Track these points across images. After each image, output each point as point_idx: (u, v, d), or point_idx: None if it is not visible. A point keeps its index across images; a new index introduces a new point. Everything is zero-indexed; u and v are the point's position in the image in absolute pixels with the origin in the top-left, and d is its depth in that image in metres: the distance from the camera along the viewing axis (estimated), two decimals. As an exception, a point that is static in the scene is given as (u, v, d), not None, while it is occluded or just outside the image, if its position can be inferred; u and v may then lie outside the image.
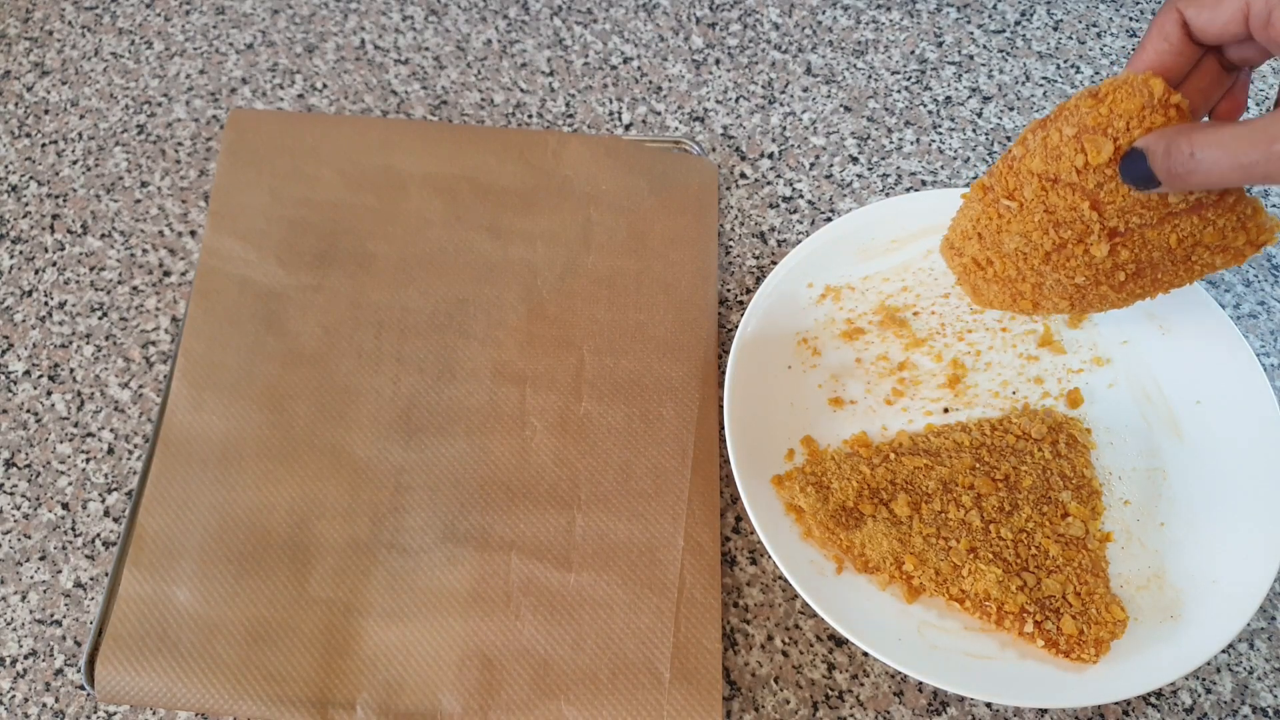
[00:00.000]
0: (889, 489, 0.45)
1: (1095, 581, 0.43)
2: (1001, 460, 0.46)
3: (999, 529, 0.44)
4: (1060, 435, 0.47)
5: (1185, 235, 0.38)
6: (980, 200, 0.42)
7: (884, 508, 0.45)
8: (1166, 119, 0.34)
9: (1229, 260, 0.40)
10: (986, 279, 0.45)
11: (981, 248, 0.43)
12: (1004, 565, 0.43)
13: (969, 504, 0.44)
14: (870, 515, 0.45)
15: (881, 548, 0.43)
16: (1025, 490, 0.45)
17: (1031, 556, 0.44)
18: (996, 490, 0.45)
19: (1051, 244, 0.40)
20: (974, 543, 0.44)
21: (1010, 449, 0.46)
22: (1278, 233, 0.38)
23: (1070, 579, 0.43)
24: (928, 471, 0.45)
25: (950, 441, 0.47)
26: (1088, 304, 0.44)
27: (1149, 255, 0.39)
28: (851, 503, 0.45)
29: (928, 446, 0.47)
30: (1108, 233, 0.38)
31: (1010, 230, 0.41)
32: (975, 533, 0.44)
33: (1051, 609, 0.42)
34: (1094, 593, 0.43)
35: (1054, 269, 0.41)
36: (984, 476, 0.45)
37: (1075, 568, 0.44)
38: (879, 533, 0.44)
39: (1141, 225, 0.38)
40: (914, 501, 0.45)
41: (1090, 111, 0.35)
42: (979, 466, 0.46)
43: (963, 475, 0.45)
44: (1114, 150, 0.35)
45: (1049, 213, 0.39)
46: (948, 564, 0.43)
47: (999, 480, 0.45)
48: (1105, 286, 0.41)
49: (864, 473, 0.45)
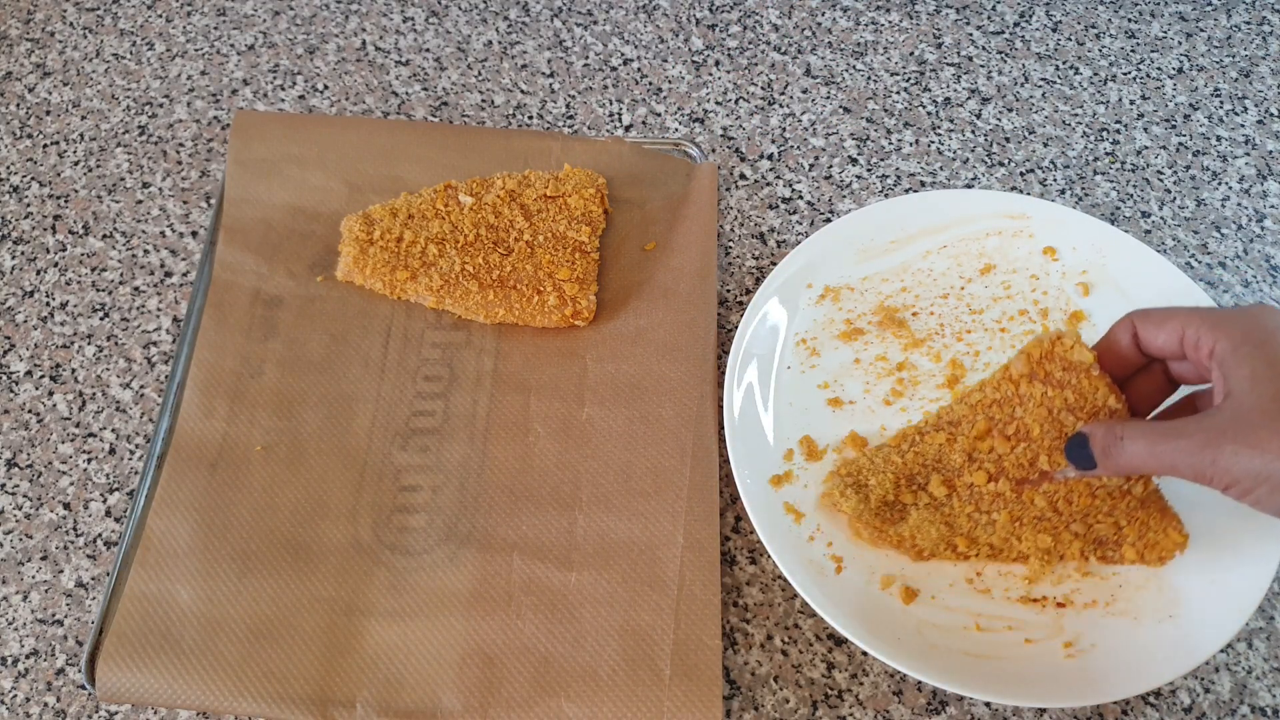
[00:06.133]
0: (922, 472, 0.45)
1: (1146, 511, 0.43)
2: (1009, 414, 0.44)
3: (1032, 495, 0.44)
4: (1051, 365, 0.43)
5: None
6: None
7: (923, 493, 0.45)
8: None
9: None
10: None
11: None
12: (1049, 526, 0.43)
13: (994, 469, 0.44)
14: (912, 504, 0.45)
15: (931, 535, 0.44)
16: (1037, 439, 0.43)
17: (1073, 511, 0.43)
18: (1013, 448, 0.44)
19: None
20: (1014, 512, 0.44)
21: (1013, 397, 0.44)
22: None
23: (1118, 517, 0.43)
24: (951, 445, 0.45)
25: (965, 408, 0.45)
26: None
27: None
28: (892, 495, 0.45)
29: (950, 418, 0.46)
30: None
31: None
32: (1011, 503, 0.44)
33: (1111, 542, 0.43)
34: (1148, 520, 0.43)
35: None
36: (1000, 436, 0.44)
37: (1123, 508, 0.43)
38: (925, 520, 0.44)
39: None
40: (947, 480, 0.45)
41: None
42: (993, 426, 0.44)
43: (982, 441, 0.45)
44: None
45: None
46: (998, 537, 0.44)
47: (1011, 436, 0.44)
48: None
49: (896, 461, 0.46)
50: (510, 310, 0.51)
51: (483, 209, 0.53)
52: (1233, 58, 0.65)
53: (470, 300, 0.51)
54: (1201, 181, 0.60)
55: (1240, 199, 0.59)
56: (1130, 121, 0.62)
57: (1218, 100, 0.63)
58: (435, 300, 0.51)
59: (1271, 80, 0.64)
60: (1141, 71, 0.64)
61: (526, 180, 0.54)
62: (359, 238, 0.52)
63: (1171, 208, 0.58)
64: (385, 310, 0.52)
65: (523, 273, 0.51)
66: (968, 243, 0.53)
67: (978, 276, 0.53)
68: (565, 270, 0.51)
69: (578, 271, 0.51)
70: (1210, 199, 0.59)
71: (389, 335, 0.51)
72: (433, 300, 0.51)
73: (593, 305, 0.51)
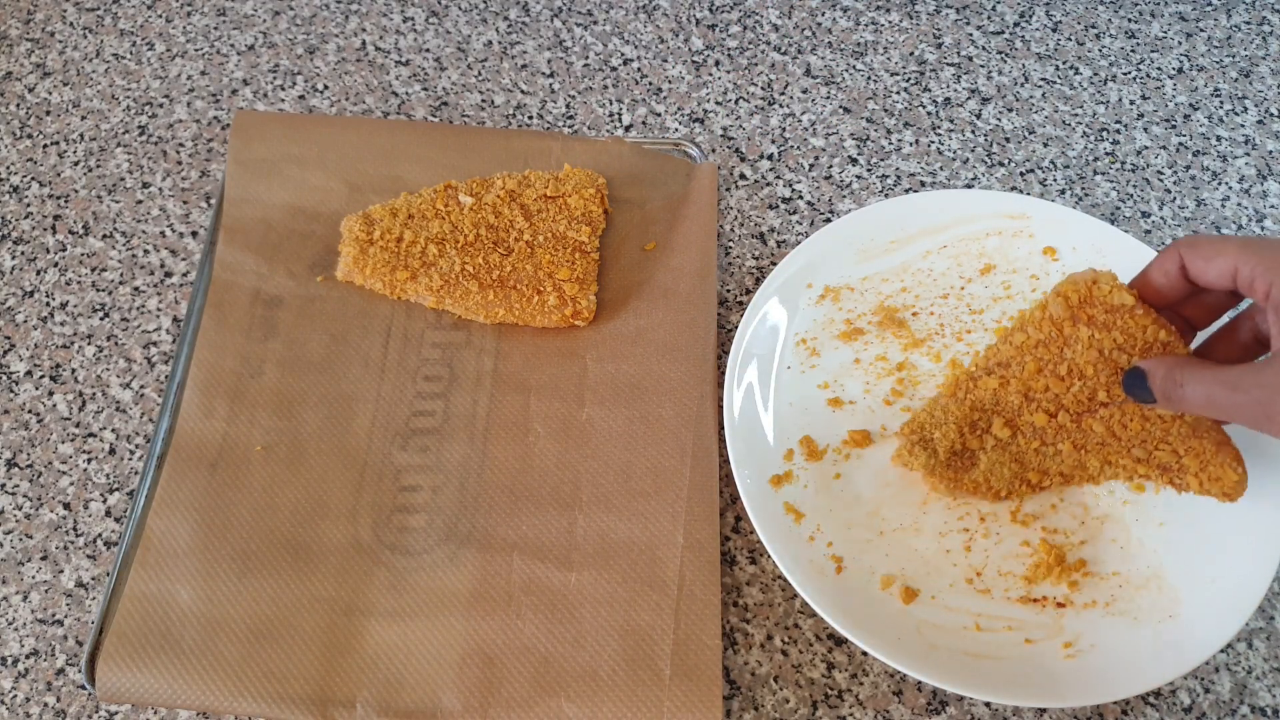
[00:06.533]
0: (984, 416, 0.45)
1: (1203, 442, 0.43)
2: (1057, 354, 0.44)
3: (1090, 423, 0.44)
4: (1092, 309, 0.42)
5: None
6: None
7: (988, 435, 0.45)
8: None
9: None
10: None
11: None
12: (1110, 453, 0.44)
13: (1052, 407, 0.44)
14: (980, 449, 0.45)
15: (1004, 475, 0.45)
16: (1092, 377, 0.43)
17: (1131, 436, 0.43)
18: (1069, 387, 0.43)
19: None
20: (1076, 441, 0.44)
21: (1058, 339, 0.43)
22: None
23: (1175, 445, 0.43)
24: (1005, 387, 0.45)
25: (1011, 349, 0.45)
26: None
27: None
28: (959, 444, 0.45)
29: (998, 359, 0.45)
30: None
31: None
32: (1073, 433, 0.44)
33: (1175, 469, 0.43)
34: (1204, 450, 0.43)
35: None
36: (1053, 376, 0.44)
37: (1176, 434, 0.43)
38: (996, 463, 0.45)
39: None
40: (1009, 420, 0.45)
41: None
42: (1042, 367, 0.44)
43: (1035, 381, 0.44)
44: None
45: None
46: (1066, 466, 0.44)
47: (1065, 376, 0.43)
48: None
49: (955, 411, 0.45)
50: (510, 310, 0.51)
51: (483, 209, 0.53)
52: (1233, 58, 0.65)
53: (470, 300, 0.51)
54: (1201, 182, 0.60)
55: (1240, 199, 0.59)
56: (1130, 121, 0.62)
57: (1218, 100, 0.63)
58: (435, 300, 0.51)
59: (1271, 80, 0.64)
60: (1141, 71, 0.64)
61: (526, 180, 0.54)
62: (359, 238, 0.52)
63: (1171, 208, 0.58)
64: (385, 310, 0.52)
65: (523, 273, 0.51)
66: (968, 243, 0.53)
67: (978, 276, 0.53)
68: (565, 270, 0.51)
69: (578, 271, 0.51)
70: (1210, 199, 0.59)
71: (389, 335, 0.51)
72: (433, 300, 0.51)
73: (593, 305, 0.51)
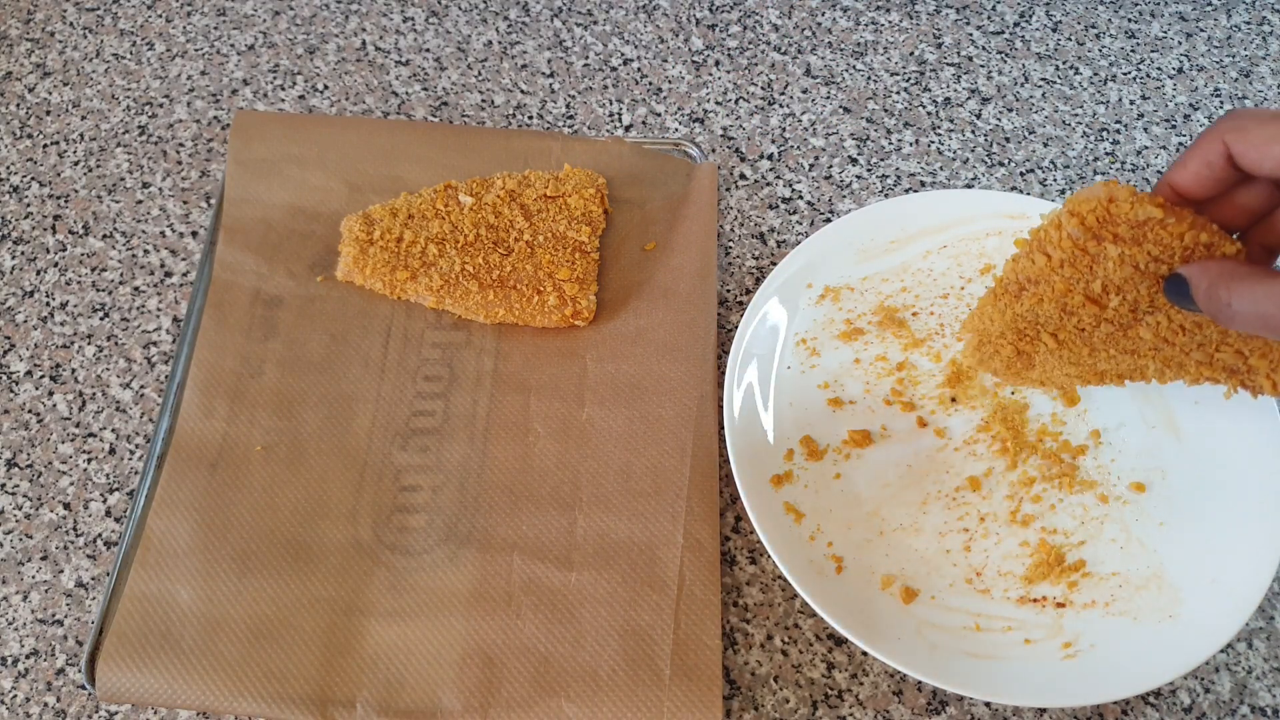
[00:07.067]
0: (1030, 327, 0.43)
1: (1266, 340, 0.40)
2: (1087, 271, 0.40)
3: (1138, 331, 0.41)
4: (1116, 227, 0.38)
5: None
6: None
7: (1039, 342, 0.44)
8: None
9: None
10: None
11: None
12: (1170, 360, 0.42)
13: (1092, 321, 0.41)
14: (1033, 353, 0.44)
15: (1059, 377, 0.44)
16: (1129, 293, 0.40)
17: (1186, 342, 0.41)
18: (1104, 307, 0.41)
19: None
20: (1128, 346, 0.42)
21: (1084, 257, 0.40)
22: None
23: (1239, 345, 0.40)
24: (1038, 304, 0.42)
25: (1038, 266, 0.42)
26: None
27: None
28: (1013, 352, 0.44)
29: (1027, 274, 0.42)
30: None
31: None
32: (1122, 342, 0.42)
33: (1244, 371, 0.41)
34: (1274, 349, 0.40)
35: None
36: (1082, 296, 0.41)
37: (1238, 333, 0.40)
38: (1051, 366, 0.44)
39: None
40: (1054, 333, 0.43)
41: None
42: (1072, 287, 0.41)
43: (1070, 298, 0.41)
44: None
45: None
46: (1124, 369, 0.43)
47: (1099, 296, 0.40)
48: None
49: (999, 321, 0.44)
50: (510, 310, 0.51)
51: (483, 209, 0.53)
52: (1233, 58, 0.65)
53: (470, 300, 0.51)
54: (1201, 181, 0.59)
55: (1240, 199, 0.59)
56: (1130, 121, 0.62)
57: (1218, 100, 0.63)
58: (435, 300, 0.51)
59: (1271, 80, 0.64)
60: (1141, 71, 0.64)
61: (526, 180, 0.54)
62: (359, 238, 0.52)
63: (1171, 208, 0.58)
64: (385, 310, 0.52)
65: (523, 273, 0.51)
66: (968, 243, 0.53)
67: (978, 276, 0.53)
68: (565, 270, 0.51)
69: (578, 271, 0.51)
70: (1210, 199, 0.59)
71: (389, 335, 0.51)
72: (433, 300, 0.51)
73: (593, 305, 0.51)
